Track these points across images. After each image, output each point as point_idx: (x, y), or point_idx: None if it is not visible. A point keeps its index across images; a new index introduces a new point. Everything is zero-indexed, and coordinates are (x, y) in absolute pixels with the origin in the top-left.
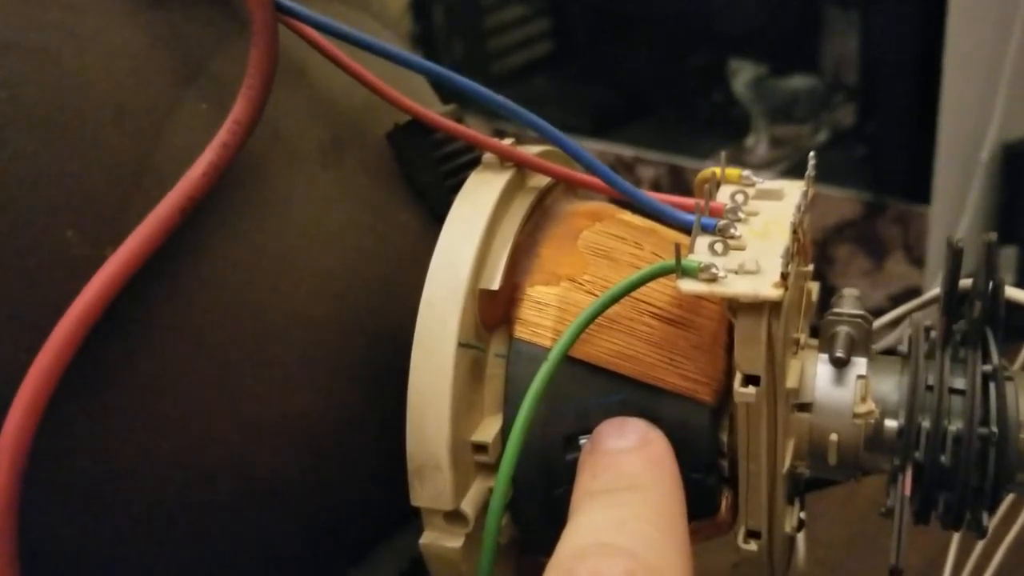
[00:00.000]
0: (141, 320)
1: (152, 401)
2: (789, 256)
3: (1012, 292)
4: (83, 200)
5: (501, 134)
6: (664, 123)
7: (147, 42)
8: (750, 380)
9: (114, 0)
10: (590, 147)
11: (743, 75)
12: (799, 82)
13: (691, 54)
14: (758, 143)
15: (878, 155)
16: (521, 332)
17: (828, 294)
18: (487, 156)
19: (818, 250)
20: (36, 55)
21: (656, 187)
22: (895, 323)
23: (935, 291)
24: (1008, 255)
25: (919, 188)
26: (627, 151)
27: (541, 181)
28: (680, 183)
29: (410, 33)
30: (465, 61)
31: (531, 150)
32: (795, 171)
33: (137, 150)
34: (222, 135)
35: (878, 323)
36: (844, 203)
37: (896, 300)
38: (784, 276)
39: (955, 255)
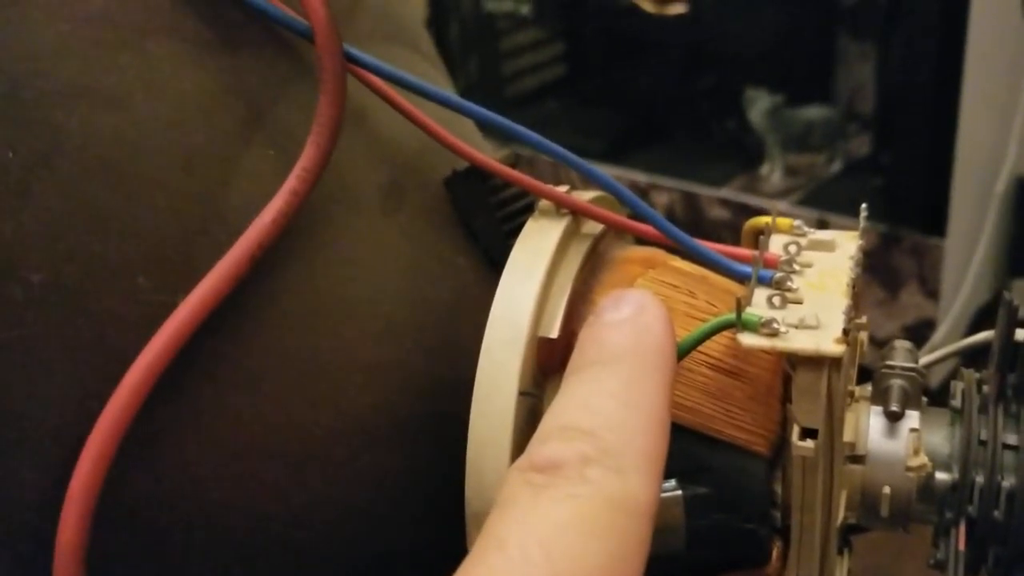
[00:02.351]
0: (207, 369)
1: (218, 449)
2: (850, 312)
3: None
4: (153, 246)
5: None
6: (679, 149)
7: (215, 87)
8: (808, 434)
9: (183, 45)
10: (604, 171)
11: (759, 104)
12: (814, 112)
13: (706, 81)
14: (773, 171)
15: (893, 186)
16: None
17: None
18: (543, 203)
19: None
20: (108, 101)
21: (670, 214)
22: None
23: (984, 335)
24: (1022, 287)
25: (934, 220)
26: (641, 177)
27: (595, 227)
28: (694, 210)
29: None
30: (480, 83)
31: (584, 196)
32: (810, 200)
33: (206, 196)
34: (291, 182)
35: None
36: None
37: (910, 331)
38: (846, 332)
39: (1011, 312)
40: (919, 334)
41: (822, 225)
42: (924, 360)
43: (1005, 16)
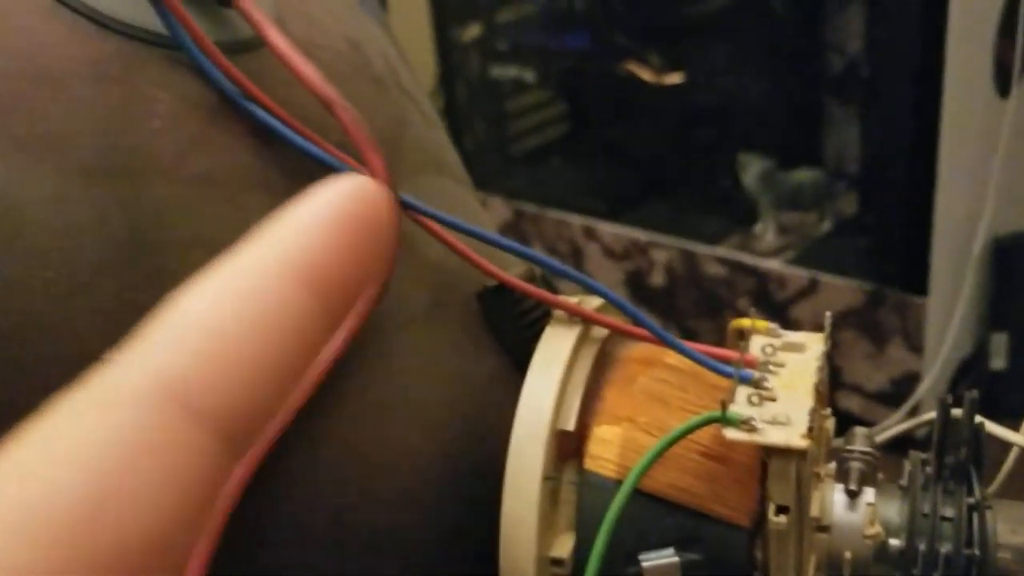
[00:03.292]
0: (282, 460)
1: (286, 529)
2: (814, 413)
3: (993, 429)
4: None
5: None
6: (676, 207)
7: None
8: (781, 510)
9: (271, 198)
10: (606, 230)
11: (752, 169)
12: (804, 174)
13: (701, 141)
14: (766, 231)
15: (878, 247)
16: (591, 465)
17: (836, 373)
18: (558, 312)
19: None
20: (215, 249)
21: (670, 271)
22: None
23: (930, 415)
24: (1000, 340)
25: (916, 279)
26: (641, 235)
27: (602, 331)
28: (692, 267)
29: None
30: (486, 142)
31: (591, 303)
32: (802, 259)
33: None
34: (358, 306)
35: (887, 434)
36: (848, 292)
37: (896, 383)
38: (810, 429)
39: (944, 410)
40: (905, 386)
41: (814, 283)
42: (880, 437)
43: (978, 84)
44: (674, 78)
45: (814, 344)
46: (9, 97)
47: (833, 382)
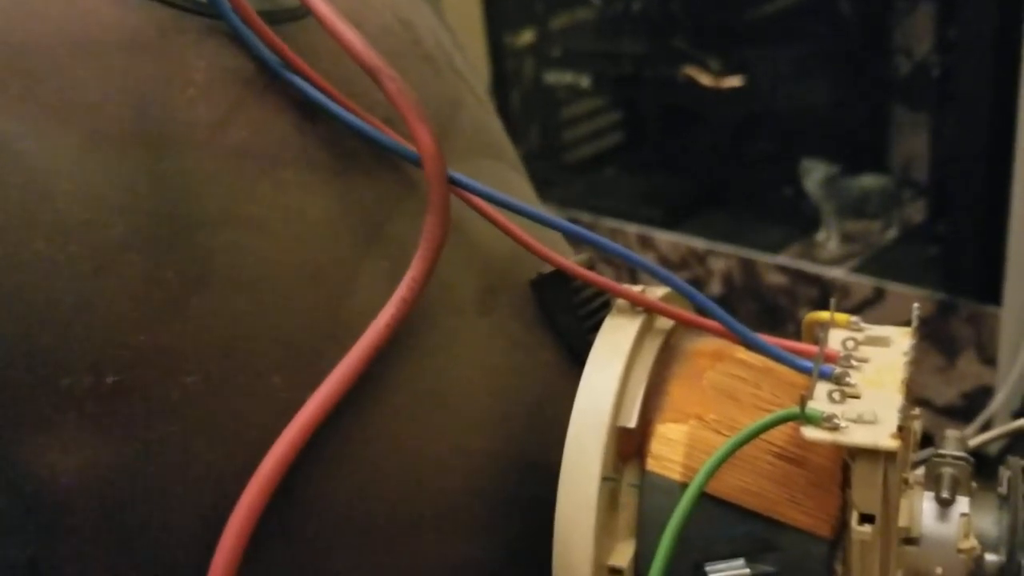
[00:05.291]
0: (328, 457)
1: (336, 528)
2: (905, 410)
3: None
4: (287, 350)
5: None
6: (735, 215)
7: (338, 209)
8: (866, 519)
9: (310, 172)
10: (662, 238)
11: (814, 174)
12: (870, 180)
13: (761, 148)
14: (829, 239)
15: (949, 255)
16: (653, 466)
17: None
18: (620, 301)
19: None
20: (249, 225)
21: (728, 280)
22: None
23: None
24: None
25: (990, 289)
26: (699, 243)
27: (667, 322)
28: (752, 276)
29: None
30: (540, 150)
31: (656, 293)
32: (866, 267)
33: (330, 306)
34: (402, 291)
35: (980, 439)
36: (916, 301)
37: (968, 398)
38: (901, 428)
39: None
40: (977, 401)
41: (879, 293)
42: (974, 441)
43: None
44: (734, 82)
45: (901, 338)
46: (43, 64)
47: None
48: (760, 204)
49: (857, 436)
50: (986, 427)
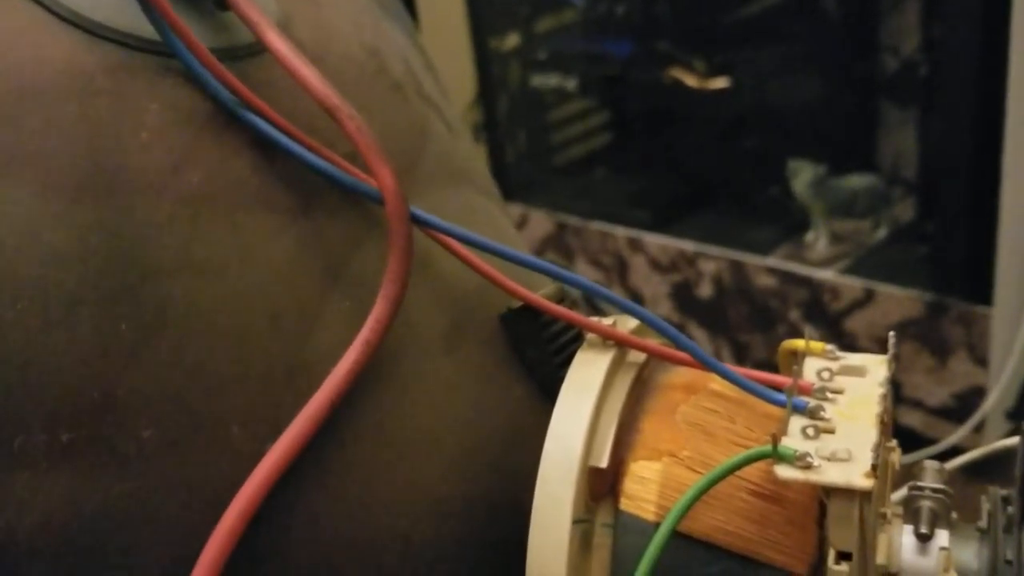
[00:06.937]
0: (289, 510)
1: None
2: (879, 448)
3: None
4: (246, 399)
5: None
6: (725, 216)
7: (297, 250)
8: (843, 557)
9: (269, 214)
10: (652, 241)
11: (802, 175)
12: (858, 180)
13: (749, 149)
14: (818, 239)
15: (939, 255)
16: (627, 505)
17: (895, 388)
18: (590, 336)
19: (881, 348)
20: (206, 271)
21: (718, 282)
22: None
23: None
24: None
25: (981, 289)
26: (688, 246)
27: (639, 356)
28: (742, 279)
29: (475, 125)
30: (528, 153)
31: (627, 325)
32: (857, 268)
33: (290, 351)
34: (365, 333)
35: (957, 462)
36: (906, 302)
37: (960, 398)
38: (875, 467)
39: None
40: (969, 401)
41: (869, 294)
42: (950, 465)
43: None
44: (720, 83)
45: (876, 367)
46: None
47: (892, 397)
48: (749, 204)
49: (831, 475)
50: (979, 428)
